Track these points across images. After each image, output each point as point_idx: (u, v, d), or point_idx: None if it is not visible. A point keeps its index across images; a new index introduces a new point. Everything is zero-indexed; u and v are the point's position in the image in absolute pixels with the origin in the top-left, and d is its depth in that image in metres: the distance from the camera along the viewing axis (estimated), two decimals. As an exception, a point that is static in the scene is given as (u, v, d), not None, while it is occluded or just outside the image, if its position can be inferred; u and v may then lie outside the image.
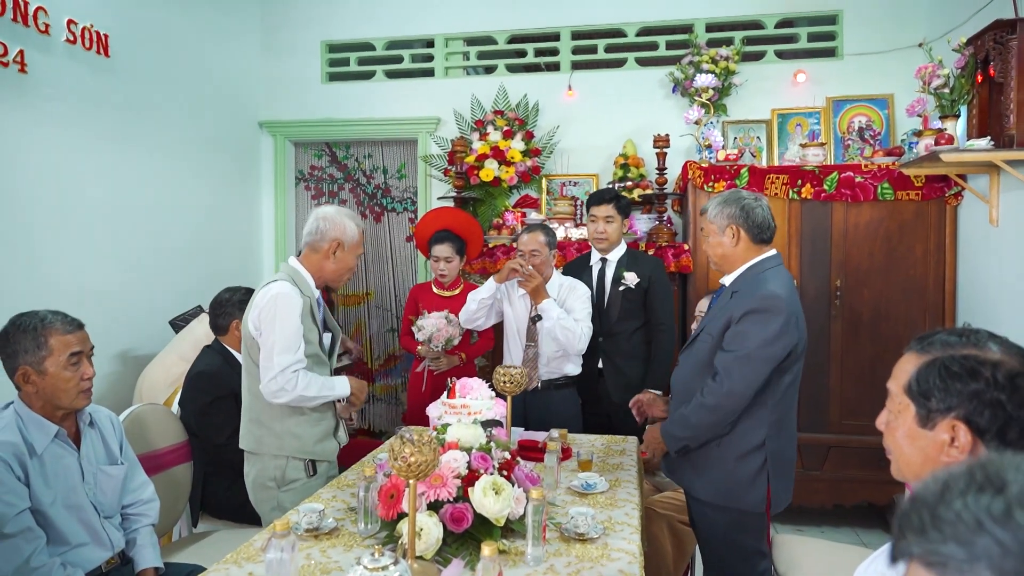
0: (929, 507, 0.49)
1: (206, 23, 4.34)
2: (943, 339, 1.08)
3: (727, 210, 2.12)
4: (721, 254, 2.14)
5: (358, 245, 2.30)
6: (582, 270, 3.30)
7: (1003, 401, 0.98)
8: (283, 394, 2.11)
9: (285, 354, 2.09)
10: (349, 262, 2.29)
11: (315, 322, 2.22)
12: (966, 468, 0.51)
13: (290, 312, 2.11)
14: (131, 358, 3.63)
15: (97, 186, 3.47)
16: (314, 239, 2.24)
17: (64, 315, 1.88)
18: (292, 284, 2.17)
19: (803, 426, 3.65)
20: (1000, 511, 0.45)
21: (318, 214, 2.26)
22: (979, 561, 0.45)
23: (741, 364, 1.98)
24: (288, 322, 2.10)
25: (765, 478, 2.05)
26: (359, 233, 2.30)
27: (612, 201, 3.17)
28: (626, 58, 4.55)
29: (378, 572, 1.32)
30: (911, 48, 3.91)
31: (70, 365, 1.83)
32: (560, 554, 1.72)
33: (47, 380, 1.81)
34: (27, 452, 1.78)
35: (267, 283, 2.18)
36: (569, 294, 3.05)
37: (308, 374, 2.15)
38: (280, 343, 2.09)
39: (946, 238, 3.60)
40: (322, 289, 2.34)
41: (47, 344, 1.81)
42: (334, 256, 2.25)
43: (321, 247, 2.24)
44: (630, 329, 3.18)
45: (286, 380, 2.10)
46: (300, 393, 2.12)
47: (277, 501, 2.21)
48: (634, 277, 3.15)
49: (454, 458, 1.80)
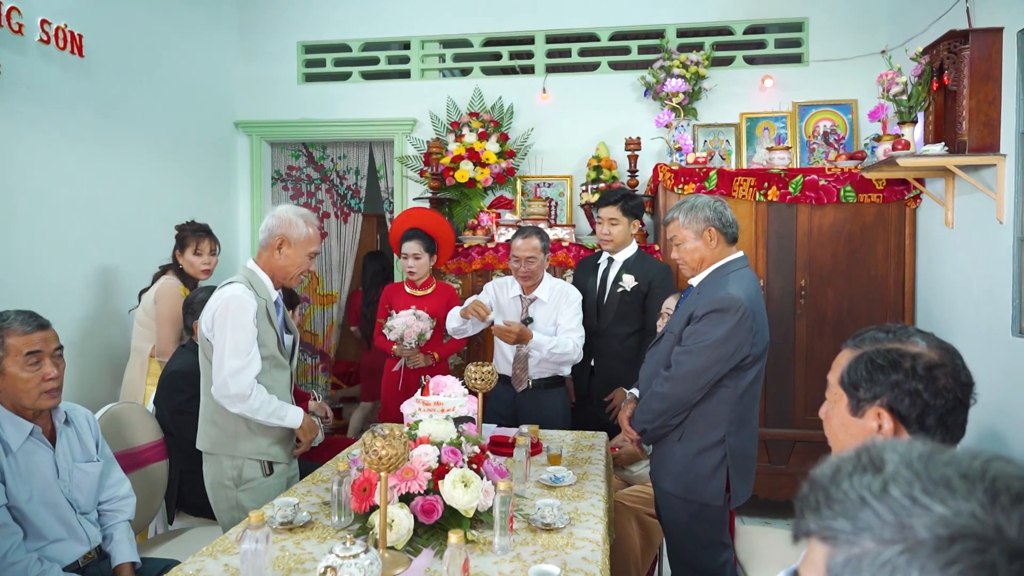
0: (823, 488, 0.55)
1: (181, 23, 4.34)
2: (873, 335, 1.17)
3: (701, 214, 2.19)
4: (699, 258, 2.21)
5: (308, 243, 2.28)
6: (590, 270, 3.33)
7: (920, 390, 1.07)
8: (233, 402, 2.11)
9: (236, 357, 2.10)
10: (298, 260, 2.28)
11: (272, 324, 2.23)
12: (855, 452, 0.57)
13: (242, 315, 2.12)
14: (109, 356, 3.64)
15: (72, 186, 3.47)
16: (263, 237, 2.27)
17: (28, 314, 1.87)
18: (248, 286, 2.18)
19: (769, 422, 3.80)
20: (878, 487, 0.51)
21: (271, 212, 2.30)
22: (863, 532, 0.51)
23: (692, 357, 2.09)
24: (240, 325, 2.11)
25: (725, 472, 2.15)
26: (309, 232, 2.28)
27: (618, 203, 3.15)
28: (599, 62, 4.63)
29: (349, 559, 1.38)
30: (873, 55, 4.03)
31: (28, 365, 1.82)
32: (527, 543, 1.79)
33: (7, 381, 1.82)
34: (2, 450, 1.81)
35: (223, 285, 2.20)
36: (561, 299, 3.09)
37: (264, 394, 2.15)
38: (231, 346, 2.10)
39: (906, 239, 3.73)
40: (286, 290, 2.36)
41: (4, 344, 1.81)
42: (279, 252, 2.25)
43: (269, 243, 2.26)
44: (624, 332, 3.20)
45: (239, 387, 2.09)
46: (251, 409, 2.13)
47: (236, 500, 2.22)
48: (631, 280, 3.14)
49: (425, 452, 1.86)
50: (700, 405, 2.15)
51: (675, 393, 2.13)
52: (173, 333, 3.17)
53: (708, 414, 2.15)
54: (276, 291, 2.30)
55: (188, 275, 3.31)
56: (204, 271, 3.34)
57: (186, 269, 3.31)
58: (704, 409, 2.15)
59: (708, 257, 2.20)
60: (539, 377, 3.10)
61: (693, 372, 2.09)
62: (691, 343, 2.10)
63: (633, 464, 3.08)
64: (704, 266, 2.21)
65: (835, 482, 0.55)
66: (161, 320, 3.17)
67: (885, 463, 0.53)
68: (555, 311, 3.10)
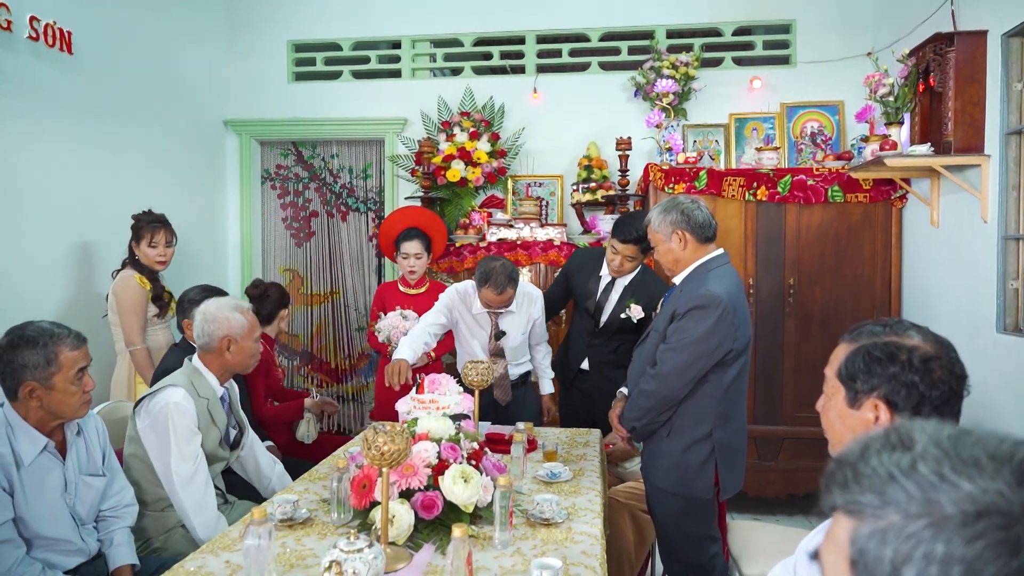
0: (851, 464, 0.57)
1: (170, 21, 4.32)
2: (870, 329, 1.20)
3: (669, 217, 2.24)
4: (673, 259, 2.26)
5: (251, 331, 2.31)
6: (591, 273, 3.16)
7: (916, 382, 1.10)
8: (191, 486, 2.12)
9: (184, 463, 2.10)
10: (248, 349, 2.30)
11: (214, 422, 2.23)
12: (884, 432, 0.59)
13: (181, 423, 2.10)
14: (100, 356, 3.58)
15: (60, 184, 3.44)
16: (204, 342, 2.26)
17: (68, 328, 1.87)
18: (188, 387, 2.17)
19: (758, 419, 3.84)
20: (907, 464, 0.54)
21: (202, 315, 2.26)
22: (889, 506, 0.53)
23: (675, 354, 2.13)
24: (181, 434, 2.10)
25: (712, 467, 2.19)
26: (246, 320, 2.30)
27: (639, 243, 2.92)
28: (590, 62, 4.66)
29: (353, 554, 1.40)
30: (860, 57, 4.09)
31: (76, 380, 1.84)
32: (526, 538, 1.81)
33: (54, 395, 1.81)
34: (14, 463, 1.78)
35: (163, 386, 2.17)
36: (528, 304, 3.04)
37: (213, 503, 2.16)
38: (176, 453, 2.09)
39: (892, 238, 3.79)
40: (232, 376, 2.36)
41: (57, 360, 1.80)
42: (229, 352, 2.26)
43: (214, 347, 2.25)
44: (618, 341, 3.15)
45: (191, 497, 2.10)
46: (197, 500, 2.12)
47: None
48: (639, 311, 3.01)
49: (425, 448, 1.87)
50: (686, 401, 2.19)
51: (661, 390, 2.17)
52: (136, 322, 3.15)
53: (694, 410, 2.19)
54: (222, 387, 2.30)
55: (144, 266, 3.25)
56: (160, 263, 3.30)
57: (142, 260, 3.25)
58: (690, 405, 2.19)
59: (682, 258, 2.24)
60: (512, 378, 3.13)
61: (678, 369, 2.13)
62: (675, 340, 2.15)
63: (626, 460, 3.11)
64: (680, 267, 2.26)
65: (864, 459, 0.57)
66: (122, 311, 3.16)
67: (915, 442, 0.56)
68: (524, 317, 3.04)
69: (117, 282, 3.21)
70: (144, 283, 3.20)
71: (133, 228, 3.29)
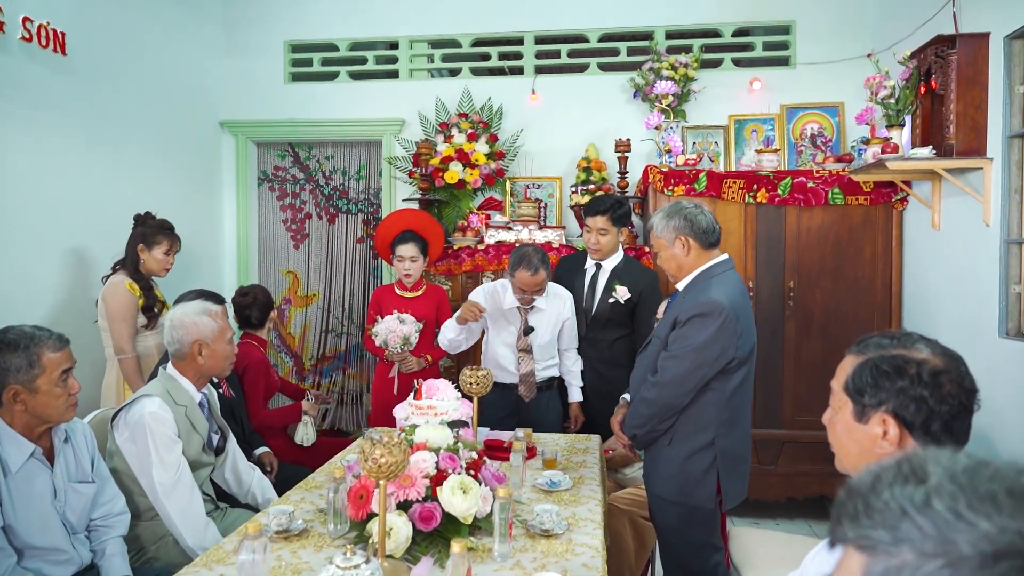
0: (862, 496, 0.55)
1: (165, 21, 4.28)
2: (877, 341, 1.17)
3: (672, 223, 2.21)
4: (676, 265, 2.24)
5: (222, 334, 2.28)
6: (576, 271, 3.27)
7: (926, 396, 1.08)
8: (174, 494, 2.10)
9: (167, 471, 2.08)
10: (222, 352, 2.28)
11: (195, 428, 2.20)
12: (895, 461, 0.57)
13: (160, 432, 2.08)
14: (92, 362, 3.57)
15: (54, 186, 3.41)
16: (176, 349, 2.23)
17: (48, 330, 1.84)
18: (164, 396, 2.15)
19: (757, 422, 3.81)
20: (921, 500, 0.51)
21: (170, 321, 2.24)
22: (903, 544, 0.50)
23: (676, 362, 2.11)
24: (160, 443, 2.08)
25: (715, 475, 2.16)
26: (217, 323, 2.27)
27: (608, 212, 3.08)
28: (588, 63, 4.63)
29: (350, 571, 1.36)
30: (860, 58, 4.06)
31: (60, 382, 1.81)
32: (526, 550, 1.78)
33: (39, 398, 1.78)
34: (1, 471, 1.75)
35: (138, 397, 2.15)
36: (558, 304, 3.08)
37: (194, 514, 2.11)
38: (157, 463, 2.07)
39: (892, 241, 3.77)
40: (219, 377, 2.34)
41: (40, 362, 1.78)
42: (201, 356, 2.24)
43: (185, 353, 2.23)
44: (612, 337, 3.19)
45: (176, 505, 2.08)
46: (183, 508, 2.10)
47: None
48: (625, 292, 3.09)
49: (423, 459, 1.84)
50: (689, 409, 2.16)
51: (662, 398, 2.14)
52: (126, 329, 3.10)
53: (697, 417, 2.16)
54: (200, 392, 2.28)
55: (141, 273, 3.19)
56: (166, 270, 3.27)
57: (148, 265, 3.20)
58: (692, 412, 2.16)
59: (685, 264, 2.22)
60: (539, 380, 3.11)
61: (679, 377, 2.10)
62: (676, 348, 2.12)
63: (626, 467, 3.09)
64: (683, 272, 2.23)
65: (875, 491, 0.54)
66: (111, 318, 3.11)
67: (929, 474, 0.53)
68: (554, 316, 3.08)
69: (107, 288, 3.16)
70: (134, 289, 3.15)
71: (143, 234, 3.23)
